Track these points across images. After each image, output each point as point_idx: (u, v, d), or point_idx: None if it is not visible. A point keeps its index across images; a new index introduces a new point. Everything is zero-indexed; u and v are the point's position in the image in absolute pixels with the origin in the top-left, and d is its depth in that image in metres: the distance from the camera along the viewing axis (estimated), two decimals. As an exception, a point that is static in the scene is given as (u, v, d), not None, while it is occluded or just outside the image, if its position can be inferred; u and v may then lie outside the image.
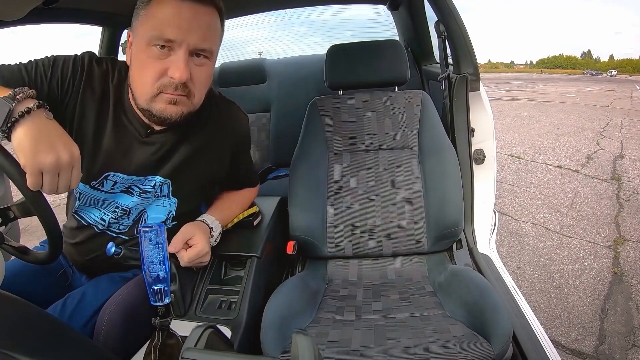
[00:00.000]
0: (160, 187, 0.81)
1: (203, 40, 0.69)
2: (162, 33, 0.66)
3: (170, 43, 0.67)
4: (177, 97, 0.70)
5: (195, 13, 0.68)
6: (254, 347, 0.84)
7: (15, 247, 0.79)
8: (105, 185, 0.79)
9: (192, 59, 0.70)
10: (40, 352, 0.47)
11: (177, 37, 0.67)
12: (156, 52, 0.68)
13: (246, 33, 2.20)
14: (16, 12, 0.75)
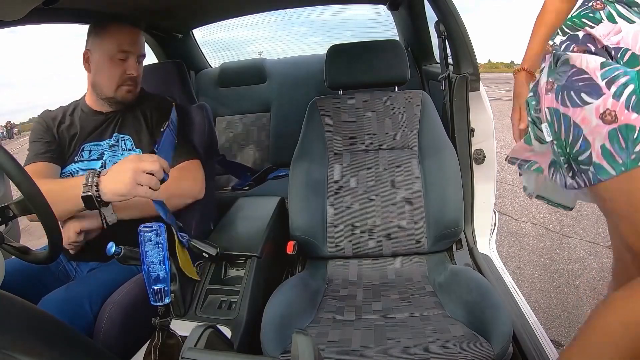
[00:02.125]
0: (124, 142, 1.04)
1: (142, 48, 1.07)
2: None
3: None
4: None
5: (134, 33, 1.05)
6: (254, 347, 0.84)
7: (15, 247, 0.78)
8: (84, 155, 1.02)
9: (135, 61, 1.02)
10: (41, 352, 0.47)
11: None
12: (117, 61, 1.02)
13: (246, 33, 2.20)
14: (16, 12, 0.75)
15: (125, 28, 1.02)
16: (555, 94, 0.71)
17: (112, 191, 0.79)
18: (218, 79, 1.94)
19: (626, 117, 0.62)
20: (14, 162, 0.66)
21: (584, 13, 0.75)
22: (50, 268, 0.98)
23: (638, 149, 0.61)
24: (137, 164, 0.78)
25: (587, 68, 0.68)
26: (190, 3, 1.50)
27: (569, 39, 0.76)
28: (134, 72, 1.02)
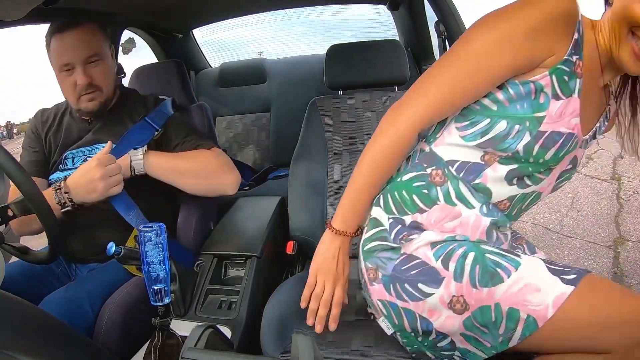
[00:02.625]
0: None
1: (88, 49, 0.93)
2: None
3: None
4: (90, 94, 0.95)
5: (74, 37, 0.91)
6: (254, 347, 0.84)
7: (15, 247, 0.79)
8: (68, 163, 0.98)
9: (88, 66, 0.93)
10: (40, 352, 0.47)
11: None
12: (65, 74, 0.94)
13: (246, 33, 2.20)
14: (16, 12, 0.75)
15: (66, 34, 0.92)
16: (384, 285, 0.63)
17: (88, 200, 0.86)
18: (218, 79, 1.94)
19: (477, 299, 0.57)
20: (14, 162, 0.66)
21: (417, 187, 0.65)
22: (52, 268, 0.98)
23: (502, 331, 0.57)
24: (102, 171, 0.84)
25: (416, 252, 0.62)
26: (190, 3, 1.50)
27: (396, 221, 0.65)
28: (82, 81, 0.93)
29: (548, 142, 0.59)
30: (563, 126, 0.59)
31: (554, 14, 0.56)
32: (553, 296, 0.55)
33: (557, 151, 0.59)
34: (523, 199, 0.65)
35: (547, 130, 0.58)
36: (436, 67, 0.62)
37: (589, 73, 0.60)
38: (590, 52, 0.59)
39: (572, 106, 0.59)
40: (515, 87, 0.59)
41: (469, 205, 0.63)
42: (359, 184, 0.65)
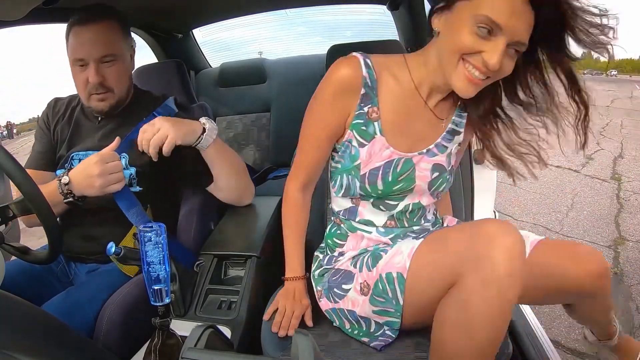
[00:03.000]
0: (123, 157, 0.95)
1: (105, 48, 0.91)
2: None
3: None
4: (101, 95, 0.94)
5: (92, 32, 0.90)
6: (254, 347, 0.84)
7: (15, 247, 0.79)
8: (74, 164, 0.95)
9: (102, 65, 0.92)
10: (40, 352, 0.47)
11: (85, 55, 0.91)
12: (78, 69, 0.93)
13: (246, 33, 2.20)
14: (16, 12, 0.75)
15: (85, 28, 0.90)
16: (326, 297, 0.82)
17: (89, 194, 0.87)
18: (218, 79, 1.94)
19: (371, 278, 0.73)
20: (14, 163, 0.66)
21: (334, 231, 0.87)
22: (51, 267, 0.98)
23: (390, 294, 0.70)
24: (101, 167, 0.84)
25: (341, 266, 0.81)
26: (190, 3, 1.50)
27: (330, 254, 0.86)
28: (94, 80, 0.91)
29: (371, 178, 0.75)
30: (376, 161, 0.75)
31: (336, 85, 0.75)
32: (407, 251, 0.69)
33: (384, 180, 0.76)
34: (404, 213, 0.81)
35: (365, 171, 0.76)
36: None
37: (402, 103, 0.75)
38: (394, 92, 0.75)
39: (378, 144, 0.75)
40: (340, 148, 0.79)
41: (368, 231, 0.82)
42: (286, 242, 0.87)
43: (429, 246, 0.68)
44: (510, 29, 0.61)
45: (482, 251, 0.58)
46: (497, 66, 0.62)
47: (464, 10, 0.64)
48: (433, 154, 0.78)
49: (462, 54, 0.64)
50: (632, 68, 12.82)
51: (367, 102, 0.74)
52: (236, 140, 1.90)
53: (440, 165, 0.79)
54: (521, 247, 0.58)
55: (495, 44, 0.62)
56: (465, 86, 0.66)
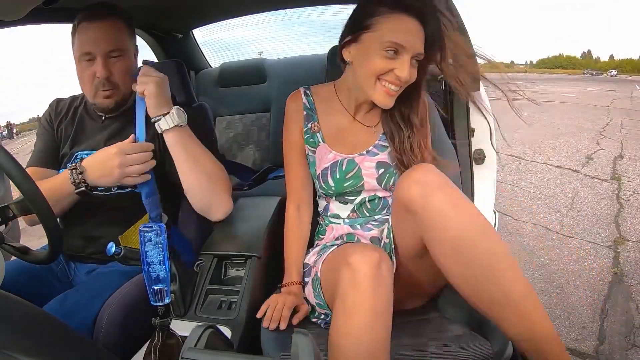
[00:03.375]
0: None
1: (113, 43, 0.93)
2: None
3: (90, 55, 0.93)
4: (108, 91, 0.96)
5: (99, 29, 0.92)
6: (254, 347, 0.84)
7: (15, 247, 0.79)
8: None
9: (110, 60, 0.93)
10: (40, 352, 0.47)
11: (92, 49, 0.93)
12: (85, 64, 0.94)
13: (246, 33, 2.20)
14: (16, 12, 0.75)
15: (92, 24, 0.91)
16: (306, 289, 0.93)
17: (103, 184, 0.90)
18: (218, 79, 1.94)
19: (313, 273, 0.88)
20: (14, 162, 0.66)
21: (318, 229, 1.02)
22: (51, 267, 0.98)
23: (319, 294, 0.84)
24: (122, 158, 0.85)
25: (309, 261, 0.94)
26: (190, 3, 1.50)
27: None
28: (101, 74, 0.91)
29: (323, 177, 0.94)
30: (323, 164, 0.94)
31: (288, 114, 0.99)
32: (325, 255, 0.85)
33: (333, 178, 0.92)
34: (362, 206, 0.94)
35: (319, 172, 0.95)
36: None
37: (336, 119, 0.96)
38: (330, 109, 0.97)
39: (322, 150, 0.95)
40: (307, 161, 0.99)
41: (337, 222, 0.97)
42: (286, 254, 0.97)
43: (334, 255, 0.82)
44: (410, 45, 0.79)
45: (341, 275, 0.68)
46: (408, 77, 0.80)
47: (370, 40, 0.81)
48: (374, 153, 0.93)
49: (378, 75, 0.81)
50: (632, 68, 12.83)
51: (309, 120, 0.97)
52: (236, 140, 1.90)
53: (383, 162, 0.92)
54: (368, 271, 0.66)
55: (402, 61, 0.79)
56: (385, 99, 0.83)
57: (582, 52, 35.93)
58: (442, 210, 0.67)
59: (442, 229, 0.67)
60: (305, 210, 1.01)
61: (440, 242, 0.69)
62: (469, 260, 0.66)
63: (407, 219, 0.73)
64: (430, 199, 0.68)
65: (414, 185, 0.70)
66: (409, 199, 0.70)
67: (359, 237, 0.94)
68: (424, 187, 0.68)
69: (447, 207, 0.67)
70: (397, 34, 0.78)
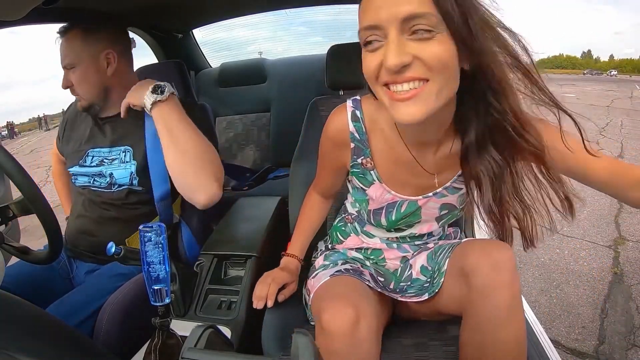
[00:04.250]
0: (124, 154, 1.01)
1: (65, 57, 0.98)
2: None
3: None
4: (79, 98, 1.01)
5: (61, 44, 0.98)
6: (254, 347, 0.84)
7: (15, 247, 0.79)
8: (87, 160, 1.03)
9: (68, 72, 0.99)
10: (41, 352, 0.47)
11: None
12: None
13: (246, 33, 2.20)
14: (16, 12, 0.75)
15: (60, 42, 0.99)
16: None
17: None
18: (218, 79, 1.94)
19: (308, 283, 0.83)
20: (14, 162, 0.66)
21: (339, 225, 0.92)
22: (53, 265, 0.98)
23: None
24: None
25: (316, 264, 0.87)
26: (190, 3, 1.50)
27: (330, 251, 0.90)
28: (62, 85, 1.00)
29: (375, 217, 0.80)
30: (380, 202, 0.77)
31: (328, 140, 0.78)
32: (320, 282, 0.76)
33: (387, 218, 0.79)
34: (407, 237, 0.83)
35: (372, 208, 0.79)
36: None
37: (396, 153, 0.72)
38: (385, 142, 0.73)
39: (378, 189, 0.76)
40: (350, 183, 0.84)
41: (372, 237, 0.86)
42: (297, 228, 0.95)
43: (323, 290, 0.74)
44: (387, 15, 0.52)
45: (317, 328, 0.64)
46: (397, 60, 0.52)
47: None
48: (442, 195, 0.75)
49: (381, 82, 0.56)
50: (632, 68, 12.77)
51: (359, 154, 0.75)
52: (236, 140, 1.90)
53: (450, 205, 0.77)
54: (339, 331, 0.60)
55: (387, 44, 0.53)
56: (401, 111, 0.55)
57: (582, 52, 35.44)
58: (497, 310, 0.62)
59: (485, 323, 0.63)
60: (328, 199, 0.95)
61: (473, 327, 0.65)
62: (485, 354, 0.64)
63: (459, 281, 0.67)
64: (493, 292, 0.62)
65: (486, 260, 0.63)
66: (476, 270, 0.63)
67: (385, 256, 0.86)
68: (494, 272, 0.62)
69: (504, 311, 0.61)
70: (366, 17, 0.54)
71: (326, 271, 0.80)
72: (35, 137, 13.85)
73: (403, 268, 0.85)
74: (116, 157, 1.01)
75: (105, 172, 1.00)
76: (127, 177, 0.98)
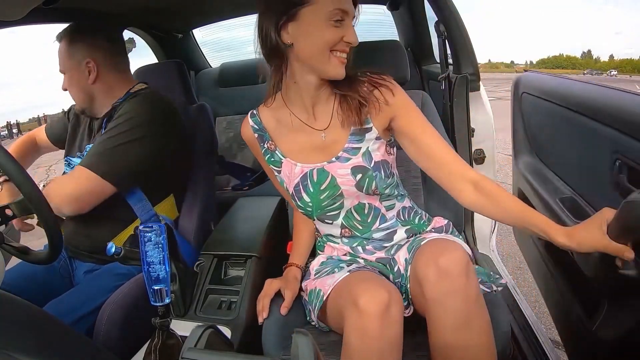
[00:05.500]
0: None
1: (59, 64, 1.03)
2: None
3: None
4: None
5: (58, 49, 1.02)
6: (254, 347, 0.84)
7: (15, 247, 0.79)
8: (85, 153, 1.02)
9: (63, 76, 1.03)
10: (40, 352, 0.47)
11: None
12: None
13: (246, 33, 2.19)
14: (16, 12, 0.75)
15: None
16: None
17: None
18: (218, 79, 1.94)
19: (310, 285, 0.86)
20: (14, 162, 0.66)
21: (317, 244, 0.97)
22: (53, 264, 0.98)
23: (313, 305, 0.82)
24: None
25: (310, 265, 0.93)
26: (190, 3, 1.50)
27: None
28: (62, 88, 1.05)
29: (297, 195, 0.85)
30: (293, 180, 0.85)
31: (247, 143, 0.93)
32: (335, 280, 0.78)
33: (307, 192, 0.85)
34: (350, 219, 0.87)
35: (291, 191, 0.86)
36: None
37: (292, 131, 0.86)
38: (277, 123, 0.89)
39: (287, 166, 0.86)
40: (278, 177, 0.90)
41: (335, 242, 0.91)
42: (294, 236, 1.00)
43: (345, 284, 0.76)
44: (351, 8, 0.74)
45: (347, 314, 0.67)
46: (357, 40, 0.75)
47: (312, 14, 0.73)
48: (345, 158, 0.83)
49: (330, 48, 0.74)
50: (632, 68, 12.71)
51: (263, 141, 0.89)
52: (236, 140, 1.90)
53: (359, 167, 0.83)
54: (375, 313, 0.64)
55: (348, 25, 0.74)
56: (340, 70, 0.76)
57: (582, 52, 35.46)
58: (453, 315, 0.65)
59: (445, 328, 0.66)
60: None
61: (435, 333, 0.68)
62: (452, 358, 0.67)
63: (418, 288, 0.71)
64: (445, 300, 0.65)
65: (432, 269, 0.67)
66: (424, 279, 0.68)
67: (361, 258, 0.90)
68: (443, 280, 0.66)
69: (460, 316, 0.65)
70: (341, 1, 0.72)
71: (339, 272, 0.82)
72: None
73: (387, 261, 0.88)
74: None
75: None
76: None
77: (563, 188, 0.97)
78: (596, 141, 0.83)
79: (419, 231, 0.90)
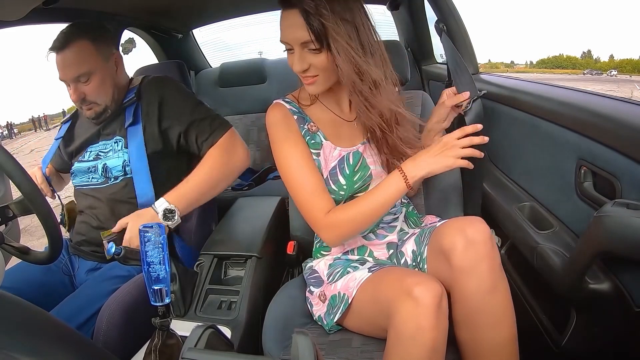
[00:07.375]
0: (116, 144, 1.03)
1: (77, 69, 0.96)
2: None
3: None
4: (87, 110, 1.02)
5: (63, 58, 0.95)
6: (254, 347, 0.84)
7: (15, 247, 0.79)
8: (85, 155, 1.05)
9: (79, 84, 0.97)
10: (40, 352, 0.47)
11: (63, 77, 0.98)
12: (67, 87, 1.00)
13: (246, 33, 2.20)
14: (16, 12, 0.75)
15: (58, 57, 0.95)
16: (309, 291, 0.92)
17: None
18: (218, 79, 1.94)
19: (329, 290, 0.85)
20: (14, 162, 0.66)
21: (319, 246, 0.97)
22: (55, 264, 0.99)
23: (335, 309, 0.81)
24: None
25: (318, 269, 0.92)
26: (190, 3, 1.50)
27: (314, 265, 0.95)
28: (73, 98, 0.98)
29: (332, 177, 0.87)
30: (331, 163, 0.88)
31: (277, 123, 0.89)
32: (358, 280, 0.79)
33: (343, 174, 0.87)
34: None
35: (326, 174, 0.88)
36: None
37: (326, 116, 0.91)
38: (316, 109, 0.92)
39: (327, 149, 0.89)
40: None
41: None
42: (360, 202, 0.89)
43: (373, 283, 0.77)
44: (291, 38, 0.78)
45: (398, 306, 0.67)
46: (298, 68, 0.81)
47: None
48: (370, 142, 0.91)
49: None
50: (632, 68, 12.70)
51: (303, 122, 0.90)
52: (236, 140, 1.90)
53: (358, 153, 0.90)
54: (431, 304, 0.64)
55: (293, 55, 0.81)
56: (309, 88, 0.86)
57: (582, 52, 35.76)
58: (480, 282, 0.69)
59: (471, 296, 0.70)
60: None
61: (460, 301, 0.72)
62: (478, 333, 0.71)
63: (442, 263, 0.74)
64: (473, 267, 0.69)
65: (460, 238, 0.71)
66: (452, 249, 0.71)
67: (371, 249, 0.91)
68: (470, 248, 0.70)
69: (486, 282, 0.69)
70: (281, 33, 0.79)
71: (355, 271, 0.83)
72: (35, 137, 13.82)
73: (394, 255, 0.91)
74: (110, 149, 1.03)
75: (99, 165, 1.02)
76: (120, 166, 1.00)
77: (523, 196, 0.98)
78: (558, 147, 0.84)
79: (413, 219, 0.96)
